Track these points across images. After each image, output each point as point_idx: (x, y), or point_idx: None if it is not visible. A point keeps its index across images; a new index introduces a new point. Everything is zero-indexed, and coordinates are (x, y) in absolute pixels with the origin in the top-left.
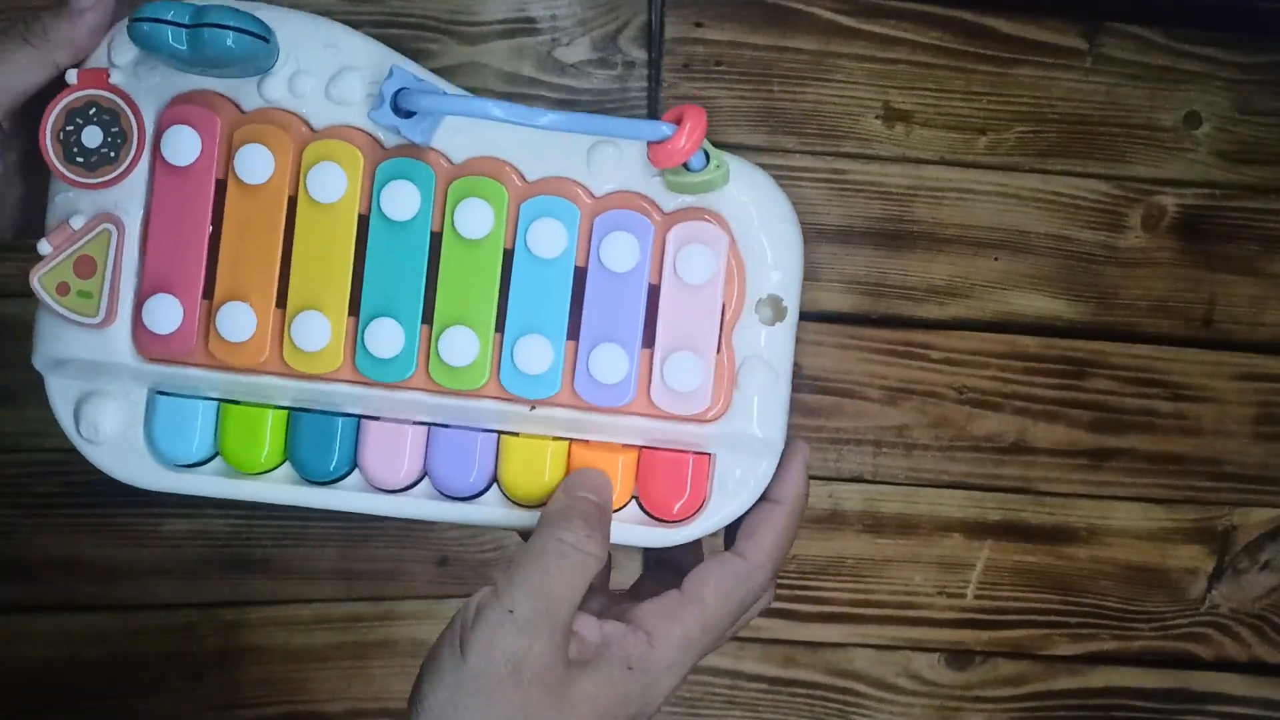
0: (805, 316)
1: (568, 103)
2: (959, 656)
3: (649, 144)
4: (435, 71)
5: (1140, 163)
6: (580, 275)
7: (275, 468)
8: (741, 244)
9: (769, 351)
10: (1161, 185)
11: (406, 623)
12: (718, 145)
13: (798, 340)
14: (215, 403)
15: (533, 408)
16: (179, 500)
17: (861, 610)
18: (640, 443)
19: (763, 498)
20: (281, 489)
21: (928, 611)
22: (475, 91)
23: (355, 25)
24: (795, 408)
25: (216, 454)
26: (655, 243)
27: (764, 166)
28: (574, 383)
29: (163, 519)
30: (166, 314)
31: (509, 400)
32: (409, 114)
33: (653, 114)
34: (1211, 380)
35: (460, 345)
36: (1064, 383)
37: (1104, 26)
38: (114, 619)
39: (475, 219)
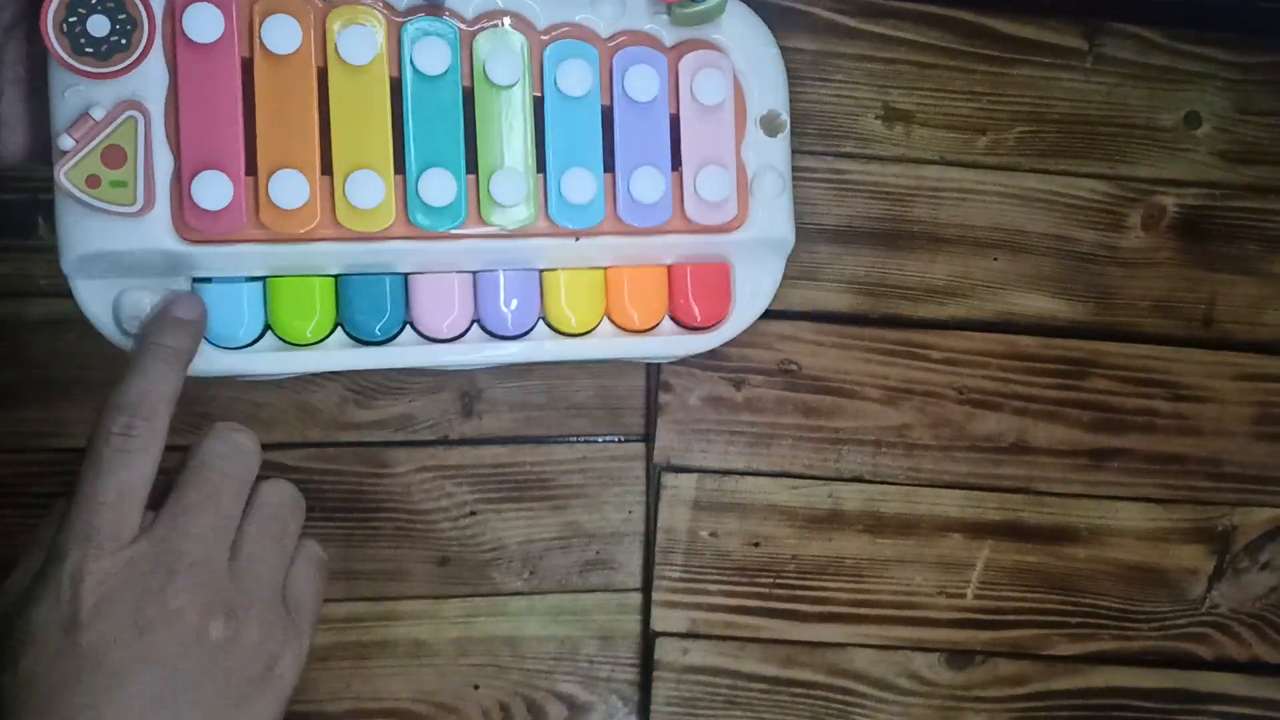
0: (805, 316)
1: None
2: (959, 656)
3: None
4: None
5: (1140, 163)
6: (605, 111)
7: (327, 336)
8: (739, 64)
9: (776, 160)
10: (1161, 185)
11: (406, 623)
12: None
13: (797, 340)
14: (259, 282)
15: (578, 238)
16: None
17: (861, 610)
18: (671, 261)
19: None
20: (338, 354)
21: (928, 611)
22: None
23: None
24: (795, 408)
25: (264, 333)
26: (670, 70)
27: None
28: (616, 208)
29: None
30: (217, 190)
31: (556, 235)
32: None
33: None
34: (1211, 380)
35: (509, 186)
36: (1064, 383)
37: (1104, 26)
38: None
39: (505, 66)
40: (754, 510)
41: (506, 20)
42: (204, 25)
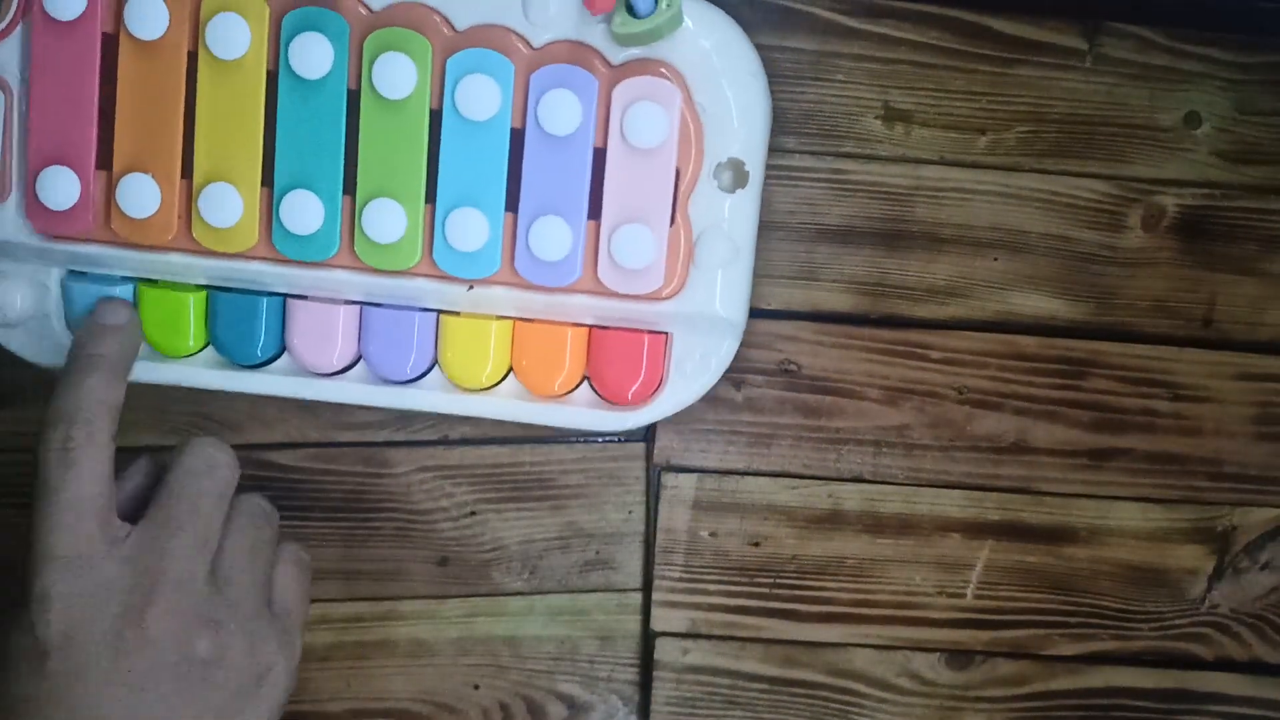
0: (805, 316)
1: None
2: (959, 656)
3: None
4: None
5: (1140, 163)
6: (518, 138)
7: (200, 350)
8: (700, 99)
9: (730, 222)
10: (1161, 185)
11: (406, 623)
12: None
13: (797, 340)
14: (131, 284)
15: (470, 287)
16: None
17: (861, 610)
18: (591, 321)
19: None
20: (207, 373)
21: (928, 611)
22: None
23: None
24: (795, 408)
25: None
26: (600, 100)
27: (764, 167)
28: (514, 260)
29: None
30: (61, 188)
31: (445, 279)
32: None
33: None
34: (1211, 380)
35: (386, 220)
36: (1064, 383)
37: (1104, 26)
38: None
39: (396, 76)
40: (754, 510)
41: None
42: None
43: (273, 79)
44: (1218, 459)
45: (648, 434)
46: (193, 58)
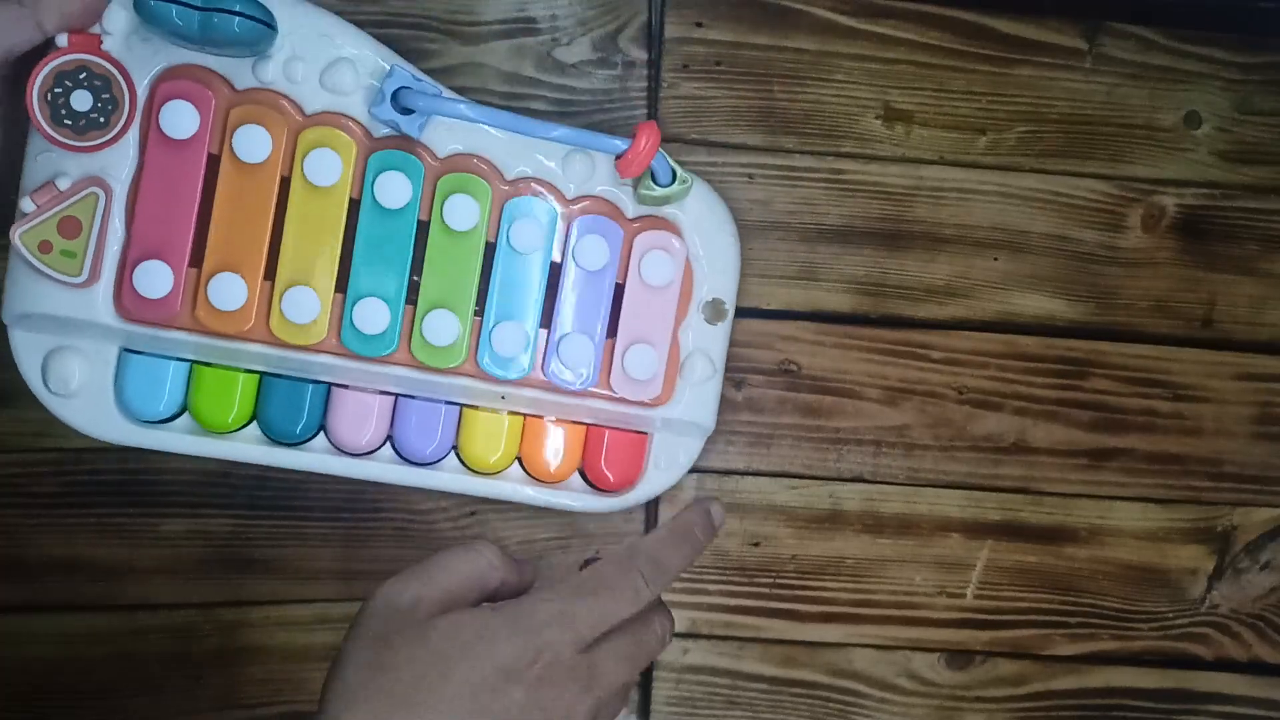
0: (805, 316)
1: (567, 102)
2: (959, 656)
3: (615, 158)
4: (434, 72)
5: (1140, 163)
6: (554, 268)
7: (242, 427)
8: (694, 249)
9: (711, 347)
10: (1161, 185)
11: None
12: (717, 146)
13: (797, 340)
14: (186, 364)
15: (504, 396)
16: (178, 500)
17: (861, 610)
18: (589, 421)
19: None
20: (249, 448)
21: (928, 611)
22: (474, 92)
23: (355, 24)
24: (795, 407)
25: (182, 411)
26: (624, 244)
27: (764, 166)
28: (544, 366)
29: (163, 519)
30: (157, 279)
31: (481, 380)
32: (407, 110)
33: (652, 116)
34: (1211, 380)
35: (443, 326)
36: (1064, 383)
37: (1104, 26)
38: (114, 619)
39: (464, 213)
40: (754, 510)
41: (477, 162)
42: (179, 122)
43: (354, 204)
44: (1218, 459)
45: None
46: (285, 182)
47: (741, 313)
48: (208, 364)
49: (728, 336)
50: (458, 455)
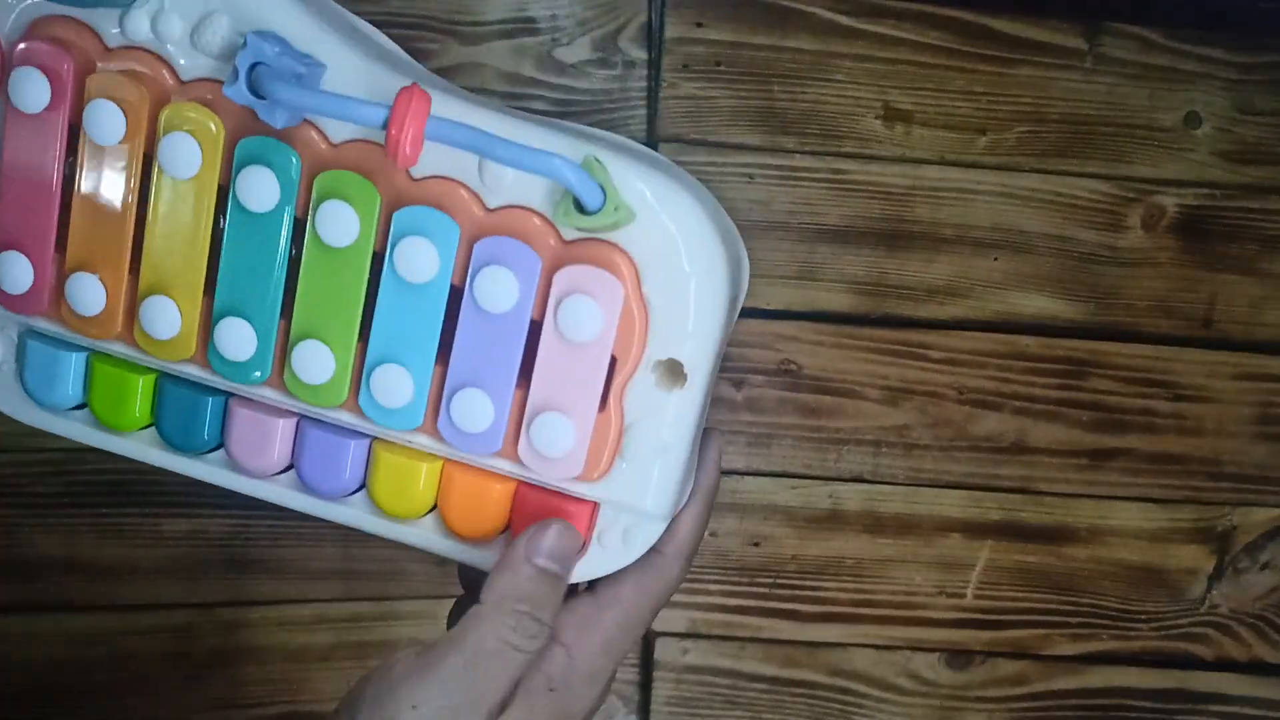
0: (805, 316)
1: (567, 102)
2: (959, 656)
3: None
4: (434, 72)
5: (1140, 163)
6: (457, 296)
7: (144, 428)
8: (651, 288)
9: (666, 419)
10: (1161, 185)
11: (406, 623)
12: (717, 146)
13: (797, 340)
14: (85, 353)
15: (410, 441)
16: (178, 500)
17: (861, 610)
18: (517, 478)
19: None
20: (147, 450)
21: (928, 611)
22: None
23: None
24: (795, 407)
25: (83, 404)
26: (541, 279)
27: (764, 166)
28: (437, 420)
29: (162, 519)
30: (17, 274)
31: (365, 420)
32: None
33: (652, 116)
34: (1211, 380)
35: (314, 362)
36: (1064, 383)
37: (1104, 26)
38: (114, 619)
39: (337, 225)
40: (754, 510)
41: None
42: (28, 93)
43: (226, 196)
44: (1218, 459)
45: None
46: (149, 163)
47: (742, 313)
48: (104, 355)
49: (698, 407)
50: (368, 495)
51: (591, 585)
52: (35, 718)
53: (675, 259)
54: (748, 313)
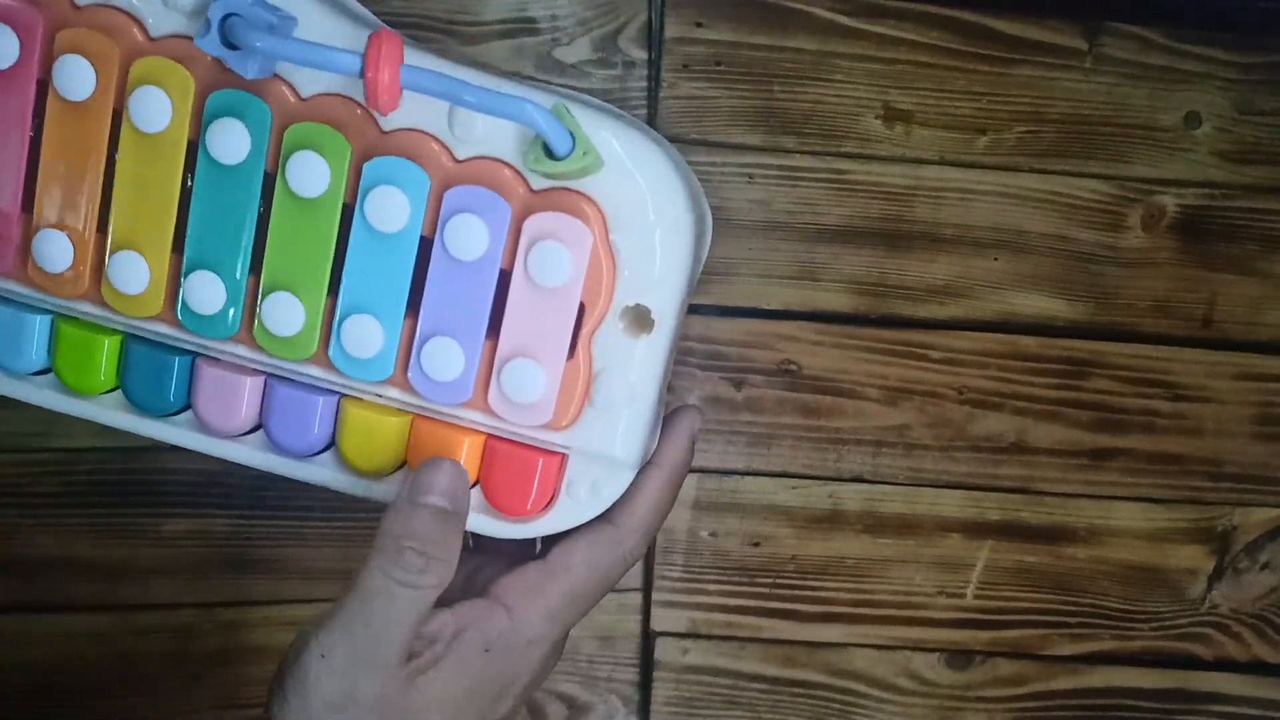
0: (805, 316)
1: None
2: (959, 656)
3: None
4: None
5: (1140, 163)
6: (427, 246)
7: (109, 391)
8: (618, 236)
9: (634, 366)
10: (1161, 185)
11: None
12: (717, 146)
13: (797, 340)
14: (50, 315)
15: (379, 395)
16: (179, 500)
17: (861, 610)
18: (487, 430)
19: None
20: (113, 414)
21: (928, 611)
22: None
23: None
24: (795, 408)
25: (48, 369)
26: (511, 227)
27: (764, 166)
28: (407, 371)
29: (163, 519)
30: None
31: (338, 376)
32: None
33: (652, 116)
34: (1211, 380)
35: (284, 314)
36: (1064, 383)
37: (1104, 26)
38: (114, 619)
39: (308, 175)
40: (754, 510)
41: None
42: None
43: (195, 152)
44: (1218, 459)
45: None
46: (118, 119)
47: (741, 313)
48: (69, 318)
49: (664, 353)
50: (337, 453)
51: (545, 551)
52: (35, 718)
53: (642, 207)
54: (748, 313)
